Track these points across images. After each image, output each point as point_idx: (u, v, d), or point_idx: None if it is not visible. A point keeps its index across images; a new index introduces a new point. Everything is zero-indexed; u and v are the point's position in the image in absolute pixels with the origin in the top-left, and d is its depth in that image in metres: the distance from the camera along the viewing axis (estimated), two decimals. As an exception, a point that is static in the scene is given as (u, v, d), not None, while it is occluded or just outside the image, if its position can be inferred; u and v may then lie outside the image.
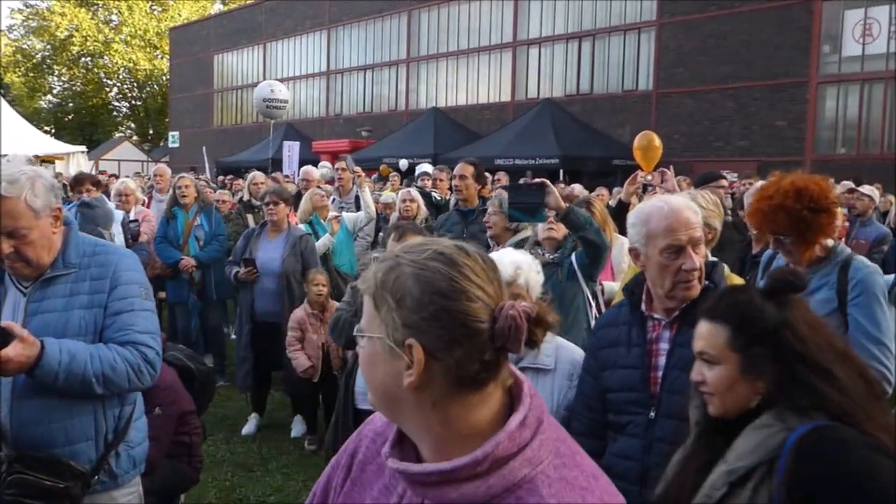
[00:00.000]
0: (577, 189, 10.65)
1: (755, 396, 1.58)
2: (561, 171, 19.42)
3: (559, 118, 23.86)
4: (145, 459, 2.51)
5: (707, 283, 2.18)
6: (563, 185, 12.93)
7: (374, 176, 16.95)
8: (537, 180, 3.48)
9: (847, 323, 2.58)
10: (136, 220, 6.68)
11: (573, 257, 3.69)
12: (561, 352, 2.53)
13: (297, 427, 5.79)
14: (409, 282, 1.04)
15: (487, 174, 10.95)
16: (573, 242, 3.75)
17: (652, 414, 2.10)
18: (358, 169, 7.43)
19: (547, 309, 1.07)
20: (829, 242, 2.74)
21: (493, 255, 2.57)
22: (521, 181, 3.57)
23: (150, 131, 55.30)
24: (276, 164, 17.86)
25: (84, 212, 5.92)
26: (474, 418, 1.06)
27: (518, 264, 2.46)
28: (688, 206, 2.20)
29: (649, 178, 4.76)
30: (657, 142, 9.73)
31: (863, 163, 19.30)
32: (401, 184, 11.94)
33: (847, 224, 7.19)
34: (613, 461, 2.16)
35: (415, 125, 27.40)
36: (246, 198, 8.58)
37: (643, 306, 2.25)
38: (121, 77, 53.14)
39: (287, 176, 14.12)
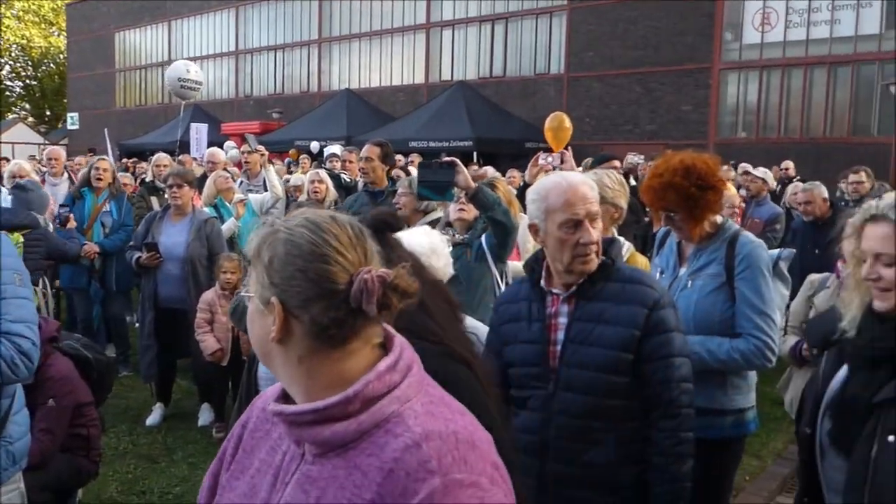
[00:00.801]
0: (490, 171, 10.73)
1: None
2: (475, 154, 19.54)
3: (473, 101, 23.97)
4: (28, 454, 2.38)
5: (604, 258, 2.22)
6: (475, 167, 13.00)
7: (287, 160, 16.65)
8: (447, 159, 3.50)
9: (735, 296, 2.68)
10: (66, 206, 6.44)
11: (483, 238, 3.71)
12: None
13: (205, 415, 5.65)
14: (279, 246, 1.15)
15: (401, 156, 10.91)
16: (483, 224, 3.78)
17: (551, 388, 2.13)
18: (261, 147, 7.26)
19: (404, 276, 1.15)
20: (718, 219, 2.83)
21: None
22: (433, 161, 3.56)
23: (48, 112, 52.52)
24: (185, 146, 17.30)
25: (18, 195, 5.64)
26: (338, 371, 1.15)
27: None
28: (584, 182, 2.24)
29: (550, 159, 4.84)
30: (567, 123, 9.87)
31: (761, 146, 20.20)
32: (311, 166, 11.74)
33: (743, 204, 7.50)
34: (514, 436, 2.19)
35: (327, 107, 27.01)
36: (150, 179, 8.29)
37: (542, 282, 2.28)
38: (13, 55, 50.14)
39: (196, 158, 13.71)
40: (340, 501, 1.08)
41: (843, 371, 1.99)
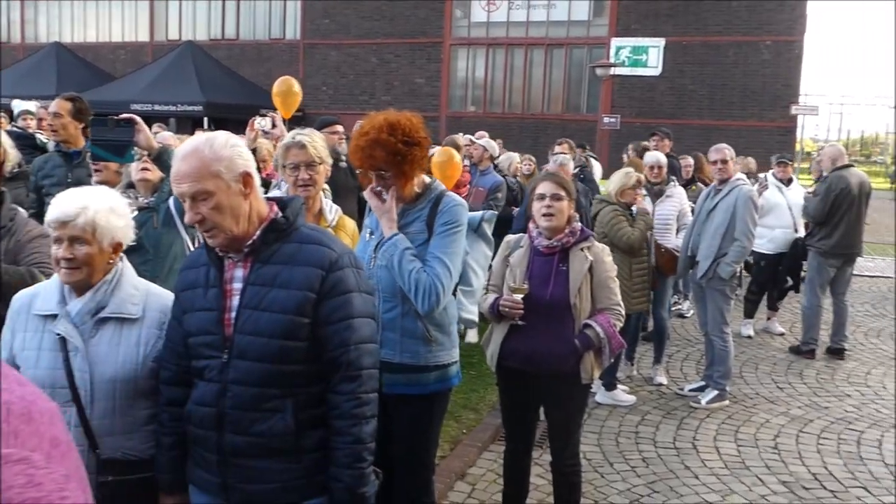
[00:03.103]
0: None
1: None
2: (205, 119, 18.56)
3: (203, 62, 22.67)
4: None
5: (282, 217, 2.05)
6: (201, 132, 12.30)
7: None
8: (125, 116, 3.15)
9: None
10: None
11: (171, 201, 3.40)
12: (150, 299, 2.29)
13: None
14: None
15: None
16: (170, 186, 3.47)
17: (225, 356, 1.98)
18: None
19: None
20: (426, 179, 2.87)
21: (60, 195, 2.22)
22: (109, 117, 3.16)
23: None
24: None
25: None
26: None
27: (84, 204, 2.15)
28: (185, 157, 1.99)
29: (264, 123, 4.66)
30: (297, 87, 9.55)
31: (488, 120, 21.45)
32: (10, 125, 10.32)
33: (469, 172, 7.85)
34: (192, 409, 2.03)
35: (32, 61, 24.02)
36: None
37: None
38: None
39: None
40: None
41: None
